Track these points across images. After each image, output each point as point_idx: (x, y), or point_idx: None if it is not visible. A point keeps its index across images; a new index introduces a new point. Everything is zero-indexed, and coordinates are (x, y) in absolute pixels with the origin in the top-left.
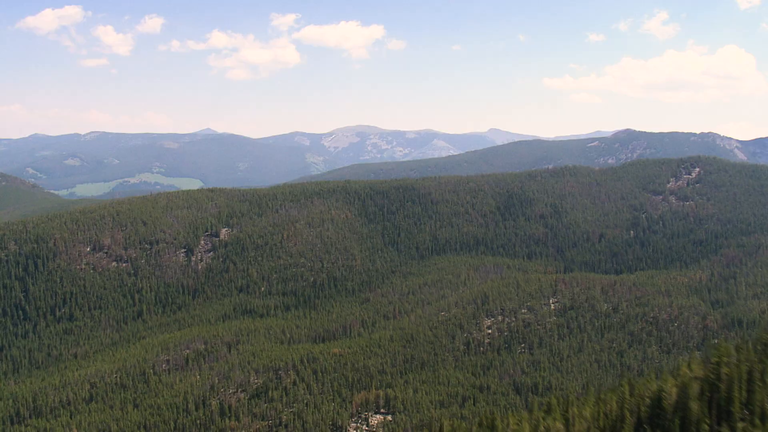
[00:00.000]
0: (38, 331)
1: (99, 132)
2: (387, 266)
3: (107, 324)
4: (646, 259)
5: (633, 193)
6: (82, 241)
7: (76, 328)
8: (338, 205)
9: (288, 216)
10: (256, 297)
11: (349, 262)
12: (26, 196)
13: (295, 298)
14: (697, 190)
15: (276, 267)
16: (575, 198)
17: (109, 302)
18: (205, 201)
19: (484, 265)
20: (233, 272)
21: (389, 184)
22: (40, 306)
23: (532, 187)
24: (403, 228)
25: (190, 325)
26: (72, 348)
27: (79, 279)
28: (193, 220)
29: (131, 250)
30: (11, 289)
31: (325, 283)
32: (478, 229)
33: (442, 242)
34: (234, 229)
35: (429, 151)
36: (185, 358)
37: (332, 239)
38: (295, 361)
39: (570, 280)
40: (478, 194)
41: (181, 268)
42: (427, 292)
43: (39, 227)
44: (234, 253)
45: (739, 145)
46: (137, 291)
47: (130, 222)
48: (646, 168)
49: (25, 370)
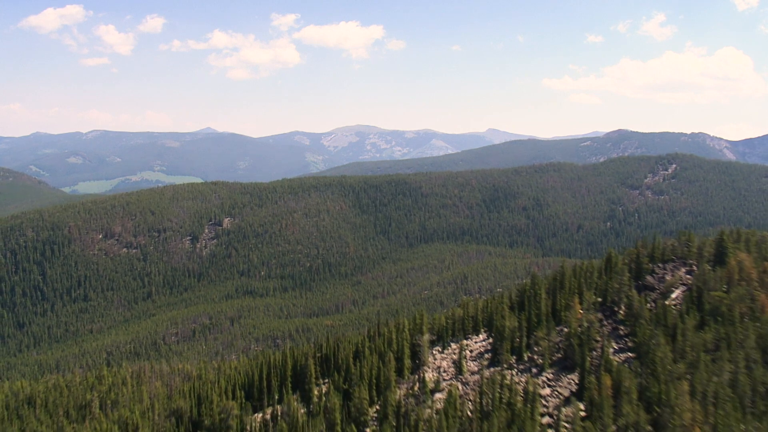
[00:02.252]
0: (56, 309)
1: (100, 130)
2: (378, 253)
3: (119, 303)
4: (619, 247)
5: (612, 188)
6: (94, 228)
7: (91, 307)
8: (334, 198)
9: (286, 207)
10: (257, 280)
11: (343, 249)
12: (33, 192)
13: (293, 280)
14: (672, 185)
15: (275, 253)
16: (557, 192)
17: (121, 284)
18: (209, 193)
19: (468, 252)
20: (235, 257)
21: (382, 179)
22: (57, 288)
23: (517, 182)
24: (394, 218)
25: (195, 303)
26: (87, 324)
27: (92, 263)
28: (198, 210)
29: (140, 237)
30: (30, 272)
31: (320, 268)
32: (464, 220)
33: (430, 231)
34: (236, 218)
35: (428, 150)
36: (192, 331)
37: (327, 228)
38: (291, 331)
39: (543, 263)
40: (465, 188)
41: (187, 253)
42: (414, 275)
43: (54, 216)
44: (236, 241)
45: (729, 145)
46: (146, 274)
47: (139, 212)
48: (626, 164)
49: (45, 344)
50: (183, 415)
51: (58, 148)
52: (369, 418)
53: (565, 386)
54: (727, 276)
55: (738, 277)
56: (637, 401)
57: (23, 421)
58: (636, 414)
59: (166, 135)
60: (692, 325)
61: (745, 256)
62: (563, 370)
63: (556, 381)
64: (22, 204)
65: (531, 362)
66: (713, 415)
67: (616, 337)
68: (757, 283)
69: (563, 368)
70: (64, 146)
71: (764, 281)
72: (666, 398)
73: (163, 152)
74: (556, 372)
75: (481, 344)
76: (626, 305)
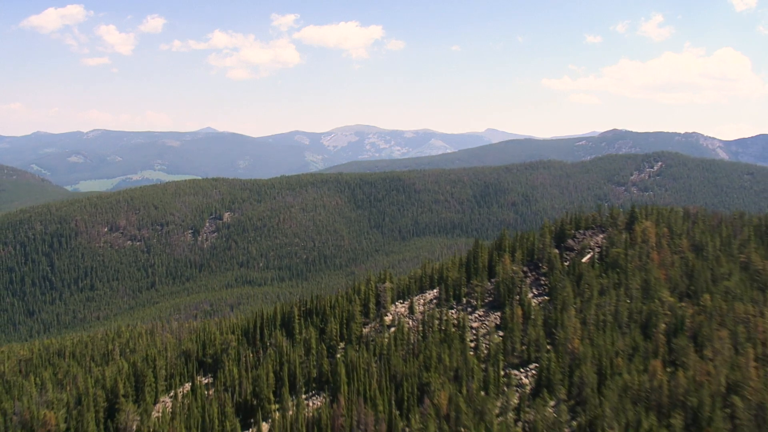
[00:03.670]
0: (64, 298)
1: (101, 130)
2: (372, 246)
3: (124, 293)
4: None
5: (598, 185)
6: (100, 222)
7: (97, 296)
8: (330, 194)
9: (284, 202)
10: (255, 270)
11: (338, 242)
12: (37, 190)
13: (290, 271)
14: (657, 182)
15: (273, 246)
16: (545, 188)
17: (126, 275)
18: (210, 189)
19: (458, 245)
20: (235, 250)
21: (377, 176)
22: (65, 278)
23: (507, 179)
24: (388, 213)
25: (197, 292)
26: (94, 312)
27: (98, 255)
28: (200, 205)
29: (144, 230)
30: (39, 263)
31: (316, 260)
32: (455, 215)
33: (422, 226)
34: (236, 212)
35: (427, 150)
36: (194, 316)
37: (323, 222)
38: None
39: None
40: (457, 184)
41: (189, 246)
42: (406, 266)
43: (61, 210)
44: (236, 234)
45: (722, 144)
46: (150, 266)
47: (142, 206)
48: (614, 162)
49: (54, 330)
50: (191, 355)
51: (59, 148)
52: (339, 346)
53: (492, 320)
54: (631, 239)
55: (640, 240)
56: (542, 326)
57: (55, 366)
58: (537, 333)
59: (167, 134)
60: (594, 274)
61: (649, 224)
62: (491, 309)
63: (485, 317)
64: (27, 201)
65: (468, 304)
66: (593, 334)
67: (537, 285)
68: (654, 244)
69: (492, 308)
70: (65, 145)
71: (660, 243)
72: (560, 323)
73: (163, 151)
74: (486, 310)
75: (433, 295)
76: (547, 261)
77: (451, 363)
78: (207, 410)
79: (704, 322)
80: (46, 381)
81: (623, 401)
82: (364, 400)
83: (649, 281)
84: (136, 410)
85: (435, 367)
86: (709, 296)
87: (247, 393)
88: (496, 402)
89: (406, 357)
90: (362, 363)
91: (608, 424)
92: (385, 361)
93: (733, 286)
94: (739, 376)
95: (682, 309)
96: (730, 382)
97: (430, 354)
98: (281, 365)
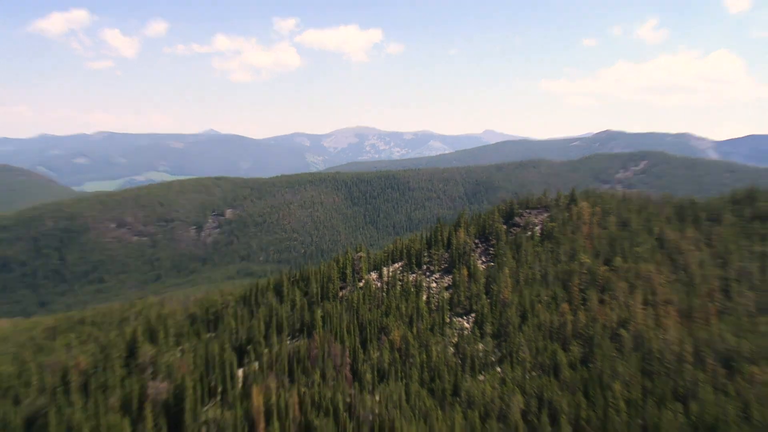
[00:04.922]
0: (74, 290)
1: (106, 132)
2: (367, 241)
3: (131, 285)
4: None
5: (585, 182)
6: (108, 219)
7: (106, 288)
8: (327, 192)
9: (284, 199)
10: (256, 264)
11: (335, 237)
12: (45, 190)
13: (289, 264)
14: (641, 180)
15: (273, 241)
16: (534, 186)
17: (132, 268)
18: (213, 187)
19: None
20: (236, 245)
21: (373, 174)
22: (75, 271)
23: (498, 177)
24: (383, 210)
25: (200, 284)
26: (103, 303)
27: (106, 250)
28: (203, 203)
29: (150, 226)
30: (50, 258)
31: (314, 254)
32: (447, 211)
33: (416, 222)
34: (237, 209)
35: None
36: None
37: (321, 219)
38: None
39: None
40: (449, 182)
41: (193, 241)
42: None
43: (71, 207)
44: (237, 229)
45: (713, 144)
46: (156, 259)
47: (148, 204)
48: (601, 161)
49: None
50: (197, 318)
51: (64, 149)
52: (320, 304)
53: (445, 282)
54: (570, 216)
55: (576, 218)
56: (483, 285)
57: (77, 332)
58: (478, 289)
59: (170, 136)
60: (532, 244)
61: (585, 204)
62: (446, 273)
63: (441, 279)
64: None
65: (427, 270)
66: (522, 287)
67: (486, 254)
68: (587, 220)
69: (446, 272)
70: (71, 147)
71: (592, 220)
72: (497, 279)
73: (167, 153)
74: (441, 274)
75: (400, 265)
76: (495, 235)
77: (407, 311)
78: (209, 349)
79: (612, 278)
80: (72, 340)
81: (536, 335)
82: (334, 337)
83: (576, 249)
84: (153, 349)
85: (393, 314)
86: (622, 259)
87: (243, 339)
88: (441, 339)
89: (371, 308)
90: (335, 312)
91: (522, 351)
92: (354, 311)
93: (642, 252)
94: (627, 314)
95: (597, 268)
96: (620, 320)
97: (390, 305)
98: (271, 317)
